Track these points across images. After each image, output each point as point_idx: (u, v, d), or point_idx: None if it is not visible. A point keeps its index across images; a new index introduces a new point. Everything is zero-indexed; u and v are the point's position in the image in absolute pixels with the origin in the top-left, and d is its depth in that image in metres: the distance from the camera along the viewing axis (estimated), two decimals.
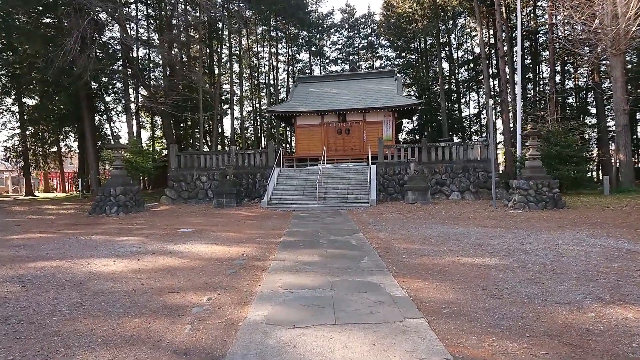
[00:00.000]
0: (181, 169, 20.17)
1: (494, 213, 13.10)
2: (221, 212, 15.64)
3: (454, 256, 7.03)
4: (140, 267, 6.84)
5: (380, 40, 46.87)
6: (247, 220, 13.15)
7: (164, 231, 10.89)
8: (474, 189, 17.93)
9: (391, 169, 18.92)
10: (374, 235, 9.57)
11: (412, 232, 9.90)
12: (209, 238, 9.56)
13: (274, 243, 8.73)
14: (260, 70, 47.58)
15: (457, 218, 12.22)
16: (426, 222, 11.50)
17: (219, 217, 13.86)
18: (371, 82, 28.94)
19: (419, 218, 12.51)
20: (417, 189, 16.20)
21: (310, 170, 20.21)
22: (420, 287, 5.26)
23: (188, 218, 13.88)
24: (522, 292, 4.98)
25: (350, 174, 19.17)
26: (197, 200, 19.52)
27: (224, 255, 7.59)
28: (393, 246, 8.09)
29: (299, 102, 27.33)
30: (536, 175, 14.12)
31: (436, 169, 18.44)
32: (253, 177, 19.69)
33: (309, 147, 26.61)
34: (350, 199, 16.87)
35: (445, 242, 8.42)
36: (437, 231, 9.88)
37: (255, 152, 20.30)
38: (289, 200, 17.30)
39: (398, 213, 13.88)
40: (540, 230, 9.66)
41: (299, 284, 5.43)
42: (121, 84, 26.93)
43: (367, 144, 25.89)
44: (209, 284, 5.62)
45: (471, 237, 8.85)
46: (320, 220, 12.43)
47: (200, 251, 8.00)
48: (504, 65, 23.26)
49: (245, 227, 11.43)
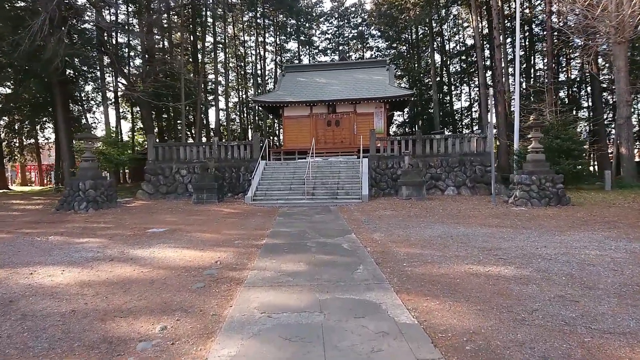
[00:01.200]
0: (159, 162, 18.86)
1: (495, 210, 12.20)
2: (200, 208, 14.46)
3: (463, 264, 6.03)
4: (91, 278, 5.70)
5: (370, 30, 45.68)
6: (228, 218, 12.02)
7: (131, 231, 9.71)
8: (470, 183, 17.03)
9: (384, 162, 17.90)
10: (368, 236, 8.54)
11: (410, 232, 8.90)
12: (180, 240, 8.42)
13: (255, 246, 7.64)
14: (247, 60, 46.05)
15: (456, 216, 11.28)
16: (424, 221, 10.52)
17: (197, 215, 12.68)
18: (362, 72, 27.82)
19: (415, 216, 11.54)
20: (411, 184, 15.22)
21: (298, 164, 19.11)
22: (430, 308, 4.24)
23: (162, 215, 12.68)
24: (557, 315, 4.00)
25: (341, 167, 18.12)
26: (176, 195, 18.26)
27: (195, 262, 6.48)
28: (391, 250, 7.07)
29: (287, 92, 26.10)
30: (539, 169, 13.26)
31: (431, 163, 17.48)
32: (237, 170, 18.49)
33: (297, 139, 25.44)
34: (340, 194, 15.83)
35: (449, 245, 7.43)
36: (438, 231, 8.90)
37: (240, 144, 19.07)
38: (275, 195, 16.19)
39: (392, 210, 12.89)
40: (550, 230, 8.75)
41: (281, 305, 4.36)
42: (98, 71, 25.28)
43: (357, 136, 24.87)
44: (168, 305, 4.52)
45: (477, 239, 7.89)
46: (308, 219, 11.37)
47: (167, 257, 6.86)
48: (500, 55, 22.38)
49: (224, 227, 10.30)
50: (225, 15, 36.40)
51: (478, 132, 19.16)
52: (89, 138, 15.50)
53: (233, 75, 46.32)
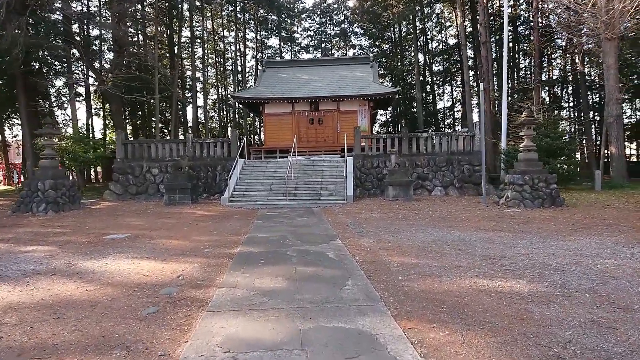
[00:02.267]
0: (129, 160, 17.55)
1: (487, 212, 11.51)
2: (172, 210, 13.31)
3: (467, 277, 5.22)
4: (22, 299, 4.66)
5: (353, 27, 44.96)
6: (201, 221, 10.96)
7: (87, 237, 8.57)
8: (458, 184, 16.37)
9: (369, 161, 17.09)
10: (355, 242, 7.67)
11: (401, 237, 8.07)
12: (141, 249, 7.36)
13: (227, 256, 6.67)
14: (227, 57, 44.67)
15: (447, 218, 10.52)
16: (414, 224, 9.72)
17: (167, 218, 11.57)
18: (345, 68, 26.98)
19: (404, 218, 10.73)
20: (398, 184, 14.44)
21: (280, 163, 18.12)
22: (439, 341, 3.38)
23: (128, 219, 11.52)
24: (597, 349, 3.20)
25: (324, 167, 17.21)
26: (146, 196, 17.00)
27: (152, 277, 5.47)
28: (382, 260, 6.21)
29: (268, 89, 25.04)
30: (532, 169, 12.66)
31: (417, 162, 16.76)
32: (213, 169, 17.36)
33: (279, 137, 24.41)
34: (324, 195, 14.94)
35: (446, 252, 6.62)
36: (431, 236, 8.10)
37: (216, 142, 17.93)
38: (254, 196, 15.18)
39: (379, 212, 12.07)
40: (552, 235, 8.06)
41: (251, 339, 3.43)
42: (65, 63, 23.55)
43: (341, 134, 24.04)
44: (107, 339, 3.52)
45: (475, 246, 7.11)
46: (289, 222, 10.42)
47: (120, 271, 5.82)
48: (485, 52, 21.91)
49: (195, 232, 9.27)
50: (203, 8, 35.03)
51: (465, 130, 18.60)
52: (48, 134, 14.15)
53: (212, 71, 44.88)
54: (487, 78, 21.83)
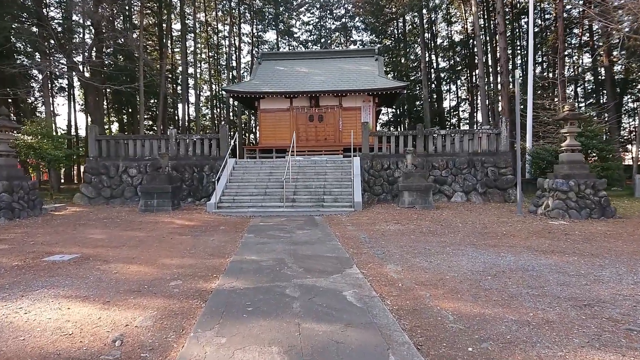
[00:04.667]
0: (103, 159, 15.37)
1: (529, 225, 9.47)
2: (146, 219, 11.15)
3: (577, 349, 3.15)
4: None
5: (355, 22, 42.85)
6: (178, 234, 8.84)
7: (22, 259, 6.44)
8: (481, 189, 14.32)
9: (378, 162, 15.01)
10: (378, 271, 5.61)
11: (438, 263, 6.01)
12: (84, 280, 5.25)
13: (200, 296, 4.59)
14: (222, 51, 42.48)
15: (485, 234, 8.47)
16: (447, 242, 7.65)
17: (137, 229, 9.43)
18: (348, 61, 24.90)
19: (430, 232, 8.67)
20: (415, 188, 12.38)
21: (276, 163, 16.03)
22: None
23: (89, 230, 9.37)
24: None
25: (327, 168, 15.13)
26: (122, 200, 14.85)
27: (75, 342, 3.37)
28: (427, 308, 4.15)
29: (264, 82, 22.93)
30: (577, 172, 10.65)
31: (434, 164, 14.70)
32: (200, 170, 15.23)
33: (275, 136, 22.33)
34: (327, 201, 12.86)
35: (514, 292, 4.57)
36: (478, 262, 6.06)
37: (204, 138, 15.76)
38: (246, 202, 13.08)
39: (396, 223, 9.99)
40: (635, 259, 6.06)
41: None
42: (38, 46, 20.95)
43: (343, 133, 22.14)
44: None
45: (547, 279, 5.08)
46: (287, 237, 8.33)
47: (32, 326, 3.71)
48: (504, 43, 19.94)
49: (166, 251, 7.16)
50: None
51: (487, 128, 16.58)
52: (3, 127, 11.99)
53: (205, 66, 42.65)
54: (504, 71, 19.86)
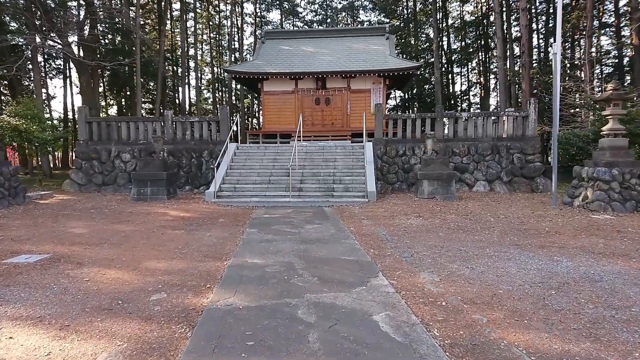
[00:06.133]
0: (94, 143, 14.17)
1: (570, 219, 8.26)
2: (138, 209, 10.01)
3: None
4: None
5: (362, 0, 41.03)
6: (170, 228, 7.69)
7: None
8: (507, 177, 13.07)
9: (393, 148, 13.74)
10: (412, 283, 4.44)
11: (480, 270, 4.84)
12: (44, 293, 4.10)
13: (186, 319, 3.44)
14: (223, 32, 40.84)
15: (524, 231, 7.27)
16: (482, 240, 6.47)
17: (124, 223, 8.28)
18: (357, 40, 23.40)
19: (459, 229, 7.48)
20: (436, 177, 11.16)
21: (281, 149, 14.80)
22: None
23: (71, 223, 8.23)
24: None
25: (337, 154, 13.88)
26: (115, 187, 13.70)
27: None
28: (489, 340, 2.96)
29: (267, 63, 21.53)
30: (620, 160, 9.40)
31: (455, 149, 13.42)
32: (198, 156, 14.03)
33: (280, 120, 21.05)
34: (338, 190, 11.68)
35: (593, 315, 3.38)
36: (530, 268, 4.89)
37: (202, 121, 14.49)
38: (248, 191, 11.91)
39: (417, 216, 8.81)
40: None
41: None
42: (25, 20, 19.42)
43: (351, 117, 20.89)
44: None
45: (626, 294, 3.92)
46: (295, 234, 7.17)
47: None
48: (525, 20, 18.38)
49: (154, 250, 6.02)
50: None
51: (511, 110, 15.24)
52: None
53: (207, 48, 41.08)
54: (526, 50, 18.41)
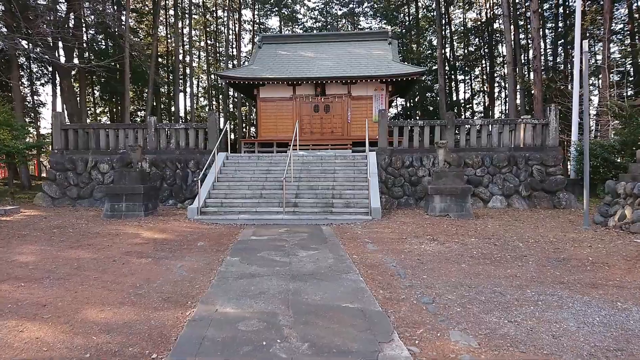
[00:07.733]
0: (70, 152, 12.91)
1: (611, 244, 6.96)
2: (106, 229, 8.69)
3: None
4: None
5: (363, 7, 40.12)
6: (136, 256, 6.37)
7: None
8: (526, 191, 11.77)
9: (398, 159, 12.46)
10: (441, 351, 3.12)
11: (529, 326, 3.52)
12: None
13: None
14: (221, 39, 39.90)
15: (564, 261, 5.96)
16: (517, 277, 5.15)
17: (85, 248, 6.95)
18: (358, 45, 22.32)
19: (484, 257, 6.18)
20: (449, 192, 9.88)
21: (275, 159, 13.55)
22: None
23: (22, 247, 6.92)
24: None
25: (336, 164, 12.63)
26: (91, 201, 12.41)
27: None
28: None
29: (264, 68, 20.43)
30: None
31: (467, 160, 12.15)
32: (184, 166, 12.76)
33: (277, 128, 19.89)
34: (337, 206, 10.39)
35: None
36: (592, 322, 3.57)
37: (188, 128, 13.22)
38: (237, 206, 10.62)
39: (431, 240, 7.50)
40: None
41: None
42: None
43: (352, 125, 19.78)
44: None
45: None
46: (284, 266, 5.87)
47: None
48: (537, 23, 17.30)
49: (103, 290, 4.70)
50: None
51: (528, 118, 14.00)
52: None
53: (204, 55, 40.12)
54: (538, 55, 17.30)
